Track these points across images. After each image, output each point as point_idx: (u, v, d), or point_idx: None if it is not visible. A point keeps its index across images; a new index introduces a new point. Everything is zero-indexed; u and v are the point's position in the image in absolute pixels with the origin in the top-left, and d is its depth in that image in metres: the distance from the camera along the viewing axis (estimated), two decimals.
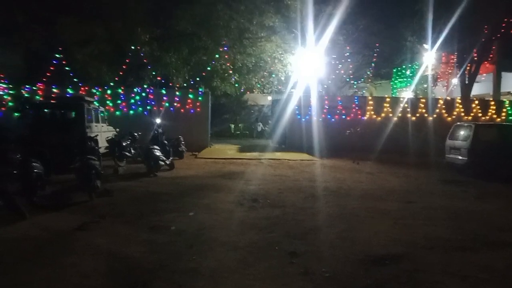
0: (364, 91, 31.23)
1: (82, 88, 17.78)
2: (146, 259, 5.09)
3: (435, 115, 19.98)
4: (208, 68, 20.01)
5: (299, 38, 20.16)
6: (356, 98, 20.92)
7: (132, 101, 18.14)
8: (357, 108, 19.70)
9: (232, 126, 31.39)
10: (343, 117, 19.50)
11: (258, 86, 23.52)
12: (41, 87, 17.46)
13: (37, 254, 5.22)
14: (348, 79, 26.60)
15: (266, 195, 9.00)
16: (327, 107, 19.48)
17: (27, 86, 17.47)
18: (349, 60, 23.77)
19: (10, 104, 16.92)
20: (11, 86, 17.41)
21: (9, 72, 17.73)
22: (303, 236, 6.15)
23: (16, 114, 16.41)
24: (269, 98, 29.19)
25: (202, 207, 7.77)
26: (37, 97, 16.77)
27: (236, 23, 19.34)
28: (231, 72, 20.60)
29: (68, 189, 9.00)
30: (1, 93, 17.32)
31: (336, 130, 19.01)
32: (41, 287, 4.33)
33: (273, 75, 21.90)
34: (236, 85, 21.62)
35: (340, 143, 18.27)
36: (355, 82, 28.43)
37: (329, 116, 19.45)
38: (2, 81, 17.36)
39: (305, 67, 20.39)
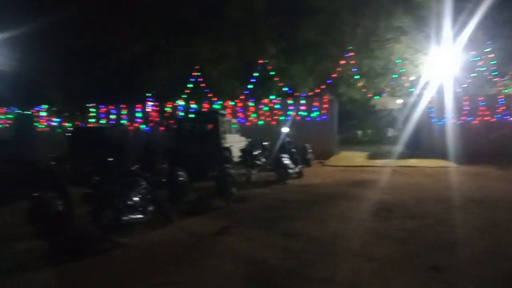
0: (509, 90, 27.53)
1: (216, 102, 19.18)
2: (281, 265, 5.19)
3: None
4: (334, 75, 19.85)
5: (432, 37, 18.73)
6: (501, 97, 18.55)
7: (261, 112, 18.93)
8: (502, 108, 17.44)
9: (360, 132, 30.48)
10: (486, 119, 17.43)
11: (388, 90, 22.46)
12: (181, 103, 19.33)
13: (184, 255, 5.72)
14: (490, 77, 23.77)
15: (402, 205, 8.49)
16: (466, 109, 17.66)
17: (169, 102, 19.52)
18: (490, 56, 21.24)
19: (156, 119, 19.08)
20: (156, 103, 19.62)
21: (154, 91, 20.01)
22: (445, 249, 5.64)
23: (161, 128, 18.48)
24: (399, 101, 27.64)
25: (334, 216, 7.67)
26: (178, 112, 18.61)
27: (362, 28, 18.86)
28: (357, 77, 20.11)
29: (207, 195, 9.67)
30: (148, 110, 19.64)
31: (478, 134, 17.05)
32: (189, 287, 4.72)
33: (404, 77, 20.72)
34: (364, 90, 21.00)
35: (482, 148, 16.31)
36: (499, 80, 25.22)
37: (469, 118, 17.59)
38: (150, 99, 19.66)
39: (440, 66, 18.81)
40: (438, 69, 18.65)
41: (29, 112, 20.49)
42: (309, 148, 15.55)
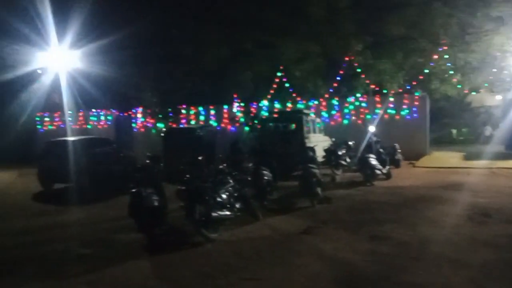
0: None
1: (299, 102, 19.20)
2: (368, 268, 5.08)
3: None
4: (426, 71, 18.76)
5: None
6: None
7: (346, 110, 18.55)
8: None
9: (454, 131, 28.42)
10: None
11: (486, 85, 20.69)
12: (265, 103, 19.66)
13: (270, 253, 5.84)
14: None
15: (500, 209, 7.80)
16: None
17: (254, 103, 19.95)
18: None
19: (242, 120, 19.61)
20: (242, 104, 20.17)
21: (240, 92, 20.58)
22: None
23: (246, 128, 18.96)
24: (498, 97, 25.30)
25: (425, 220, 7.30)
26: (262, 112, 18.94)
27: (456, 19, 17.57)
28: (452, 72, 18.79)
29: (291, 195, 9.74)
30: (235, 110, 20.26)
31: None
32: (275, 283, 4.82)
33: (505, 71, 18.93)
34: (459, 86, 19.57)
35: None
36: None
37: None
38: (236, 100, 20.27)
39: None
40: None
41: (127, 114, 22.29)
42: (398, 148, 14.89)
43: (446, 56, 18.52)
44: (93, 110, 22.95)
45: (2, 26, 18.46)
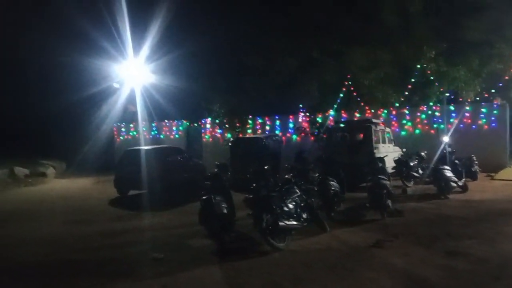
0: None
1: (368, 111, 18.74)
2: (444, 285, 4.83)
3: None
4: (505, 77, 17.50)
5: None
6: None
7: (418, 120, 17.81)
8: None
9: None
10: None
11: None
12: (332, 113, 19.45)
13: (339, 265, 5.74)
14: None
15: None
16: None
17: (320, 113, 19.82)
18: None
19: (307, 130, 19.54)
20: (308, 114, 20.12)
21: (306, 102, 20.55)
22: None
23: (312, 138, 18.86)
24: None
25: (506, 235, 6.79)
26: (329, 122, 18.76)
27: None
28: None
29: (360, 206, 9.48)
30: (300, 120, 20.26)
31: None
32: None
33: None
34: None
35: None
36: None
37: None
38: (302, 110, 20.27)
39: None
40: None
41: (197, 125, 23.17)
42: (475, 159, 13.97)
43: None
44: (166, 121, 24.10)
45: (84, 43, 20.16)
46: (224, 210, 6.88)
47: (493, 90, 17.76)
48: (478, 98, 17.84)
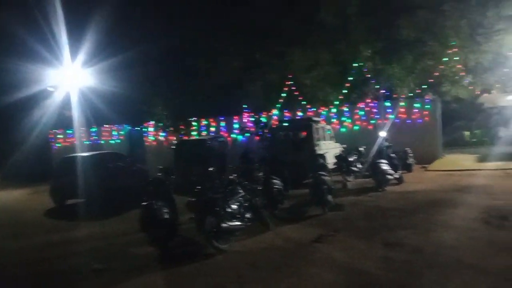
0: None
1: (310, 110, 19.18)
2: (383, 276, 5.00)
3: None
4: (436, 73, 18.61)
5: None
6: None
7: (357, 116, 18.48)
8: None
9: (467, 133, 28.05)
10: None
11: (498, 85, 20.40)
12: (276, 112, 19.71)
13: (283, 263, 5.79)
14: None
15: None
16: None
17: (264, 112, 20.02)
18: None
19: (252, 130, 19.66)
20: (252, 114, 20.24)
21: (250, 103, 20.67)
22: None
23: (256, 138, 18.98)
24: (511, 97, 24.93)
25: (439, 225, 7.16)
26: (273, 122, 18.97)
27: (467, 20, 17.41)
28: (463, 74, 18.60)
29: (303, 203, 9.66)
30: (245, 120, 20.34)
31: None
32: None
33: None
34: (470, 87, 19.35)
35: None
36: None
37: None
38: (246, 110, 20.37)
39: None
40: None
41: (139, 128, 22.55)
42: (410, 152, 14.74)
43: (457, 58, 18.33)
44: (106, 125, 23.21)
45: (16, 45, 18.92)
46: (165, 215, 6.71)
47: (424, 86, 18.80)
48: (411, 94, 18.82)
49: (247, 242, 6.88)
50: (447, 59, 18.13)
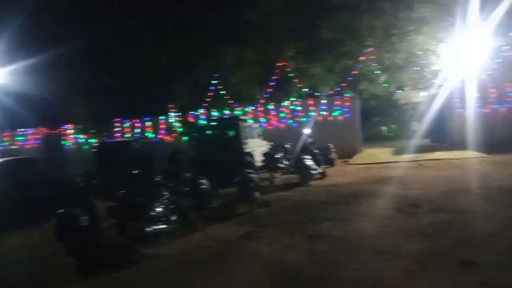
0: None
1: (237, 108, 19.31)
2: (306, 268, 5.15)
3: None
4: (355, 72, 19.64)
5: (456, 25, 18.19)
6: None
7: (282, 114, 18.93)
8: None
9: (384, 128, 29.99)
10: None
11: (410, 83, 22.02)
12: (203, 111, 19.57)
13: (210, 262, 5.74)
14: None
15: (429, 200, 8.27)
16: (493, 96, 17.16)
17: (191, 112, 19.79)
18: None
19: (180, 129, 19.36)
20: (179, 114, 19.92)
21: (177, 102, 20.33)
22: (477, 243, 5.45)
23: (184, 138, 18.73)
24: (423, 94, 27.08)
25: (360, 215, 7.55)
26: (200, 121, 18.82)
27: (381, 22, 18.57)
28: (378, 72, 19.82)
29: (231, 202, 9.66)
30: (171, 120, 19.96)
31: (506, 121, 16.54)
32: None
33: (426, 69, 20.27)
34: (385, 84, 20.67)
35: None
36: None
37: (496, 106, 17.08)
38: (173, 110, 19.99)
39: (464, 54, 18.24)
40: (462, 57, 18.11)
41: (57, 131, 21.18)
42: (332, 147, 15.41)
43: (373, 57, 19.48)
44: (20, 129, 21.51)
45: None
46: (84, 222, 6.33)
47: (344, 84, 19.74)
48: (332, 92, 19.68)
49: (174, 244, 6.72)
50: (364, 58, 19.20)
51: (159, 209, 6.68)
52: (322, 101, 18.74)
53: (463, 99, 17.27)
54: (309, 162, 11.68)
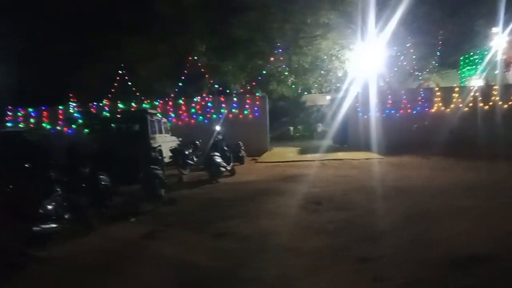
0: (430, 83, 29.55)
1: (145, 101, 18.53)
2: (211, 267, 5.01)
3: (511, 102, 18.43)
4: (264, 72, 20.00)
5: (357, 33, 19.45)
6: (422, 90, 19.83)
7: (193, 110, 18.59)
8: (423, 101, 18.68)
9: (291, 128, 31.07)
10: (409, 111, 18.57)
11: (316, 85, 23.08)
12: (107, 103, 18.45)
13: (107, 264, 5.31)
14: (411, 71, 25.29)
15: (331, 198, 8.63)
16: (390, 102, 18.66)
17: (94, 103, 18.55)
18: (411, 51, 22.57)
19: (80, 121, 18.01)
20: (80, 104, 18.56)
21: (77, 92, 18.94)
22: (373, 240, 5.76)
23: (86, 130, 17.47)
24: (328, 97, 28.61)
25: (265, 212, 7.60)
26: (104, 113, 17.69)
27: (290, 25, 19.15)
28: (287, 74, 20.43)
29: (134, 199, 9.19)
30: (71, 111, 18.52)
31: (401, 126, 18.12)
32: None
33: (331, 73, 21.39)
34: (293, 86, 21.41)
35: (406, 139, 17.31)
36: (420, 74, 26.96)
37: (393, 111, 18.60)
38: (72, 100, 18.56)
39: (365, 62, 19.61)
40: (363, 64, 19.44)
41: None
42: (242, 145, 15.49)
43: (282, 59, 20.03)
44: None
45: None
46: None
47: (255, 83, 20.04)
48: (243, 90, 19.85)
49: (69, 246, 6.12)
50: (273, 59, 19.67)
51: (50, 207, 6.01)
52: (233, 99, 18.77)
53: (363, 104, 18.49)
54: (218, 159, 11.58)
